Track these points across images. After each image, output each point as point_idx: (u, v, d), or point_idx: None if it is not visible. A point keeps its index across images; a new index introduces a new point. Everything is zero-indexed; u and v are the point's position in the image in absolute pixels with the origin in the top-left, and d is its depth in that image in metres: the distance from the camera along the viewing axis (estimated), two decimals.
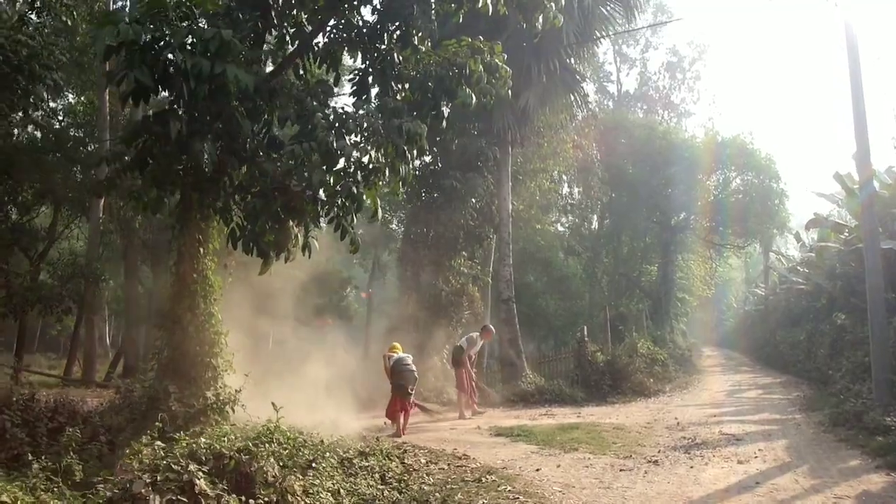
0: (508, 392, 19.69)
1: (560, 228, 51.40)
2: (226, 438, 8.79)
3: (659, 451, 12.03)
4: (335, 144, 9.13)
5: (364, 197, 10.09)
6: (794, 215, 43.76)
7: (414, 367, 14.98)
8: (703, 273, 48.53)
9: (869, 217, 16.24)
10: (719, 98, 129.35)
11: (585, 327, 22.12)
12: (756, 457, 11.55)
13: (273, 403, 10.08)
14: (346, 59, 11.99)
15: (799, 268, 37.99)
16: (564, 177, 34.03)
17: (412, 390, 14.83)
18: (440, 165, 21.71)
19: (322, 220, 10.32)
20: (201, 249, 10.75)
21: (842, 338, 21.19)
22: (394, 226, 34.71)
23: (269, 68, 11.21)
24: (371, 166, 9.91)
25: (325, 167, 9.49)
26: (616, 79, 53.08)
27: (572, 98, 21.90)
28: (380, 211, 10.48)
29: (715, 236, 44.97)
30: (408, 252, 21.65)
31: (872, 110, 15.66)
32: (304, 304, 34.35)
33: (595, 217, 48.75)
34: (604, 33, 21.32)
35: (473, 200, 20.85)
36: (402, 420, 14.49)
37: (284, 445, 9.75)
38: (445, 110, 10.60)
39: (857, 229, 22.46)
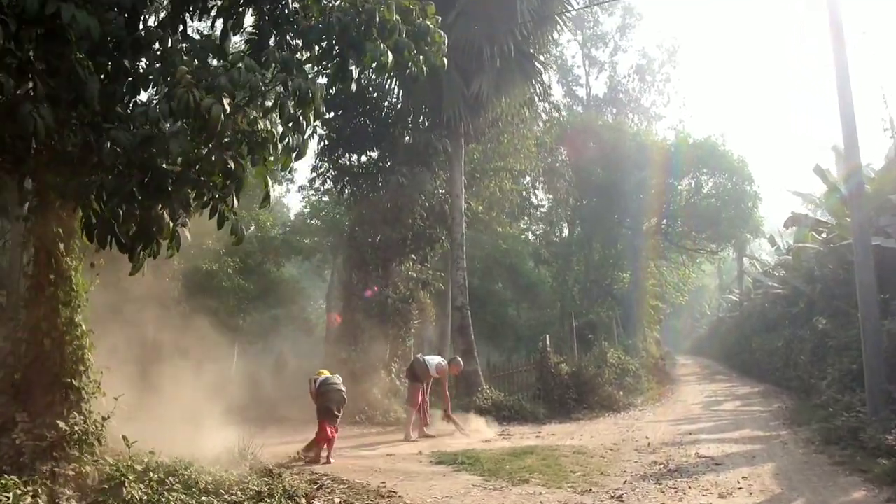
0: (462, 409, 17.51)
1: (531, 237, 49.71)
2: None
3: (625, 482, 9.94)
4: (200, 103, 6.97)
5: (248, 174, 7.98)
6: (768, 219, 42.19)
7: (342, 388, 12.87)
8: (676, 280, 46.80)
9: (857, 209, 14.35)
10: (690, 101, 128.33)
11: (548, 336, 20.05)
12: (740, 487, 9.51)
13: (124, 437, 7.96)
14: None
15: (774, 271, 36.30)
16: (532, 182, 31.88)
17: (339, 412, 12.72)
18: (388, 161, 19.58)
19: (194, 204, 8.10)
20: (61, 245, 8.56)
21: (824, 343, 19.30)
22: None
23: None
24: (258, 136, 7.76)
25: (190, 135, 7.37)
26: (585, 82, 51.27)
27: (531, 87, 19.86)
28: (273, 193, 8.35)
29: (688, 241, 43.14)
30: (353, 256, 19.48)
31: (857, 97, 13.80)
32: (259, 314, 32.23)
33: (565, 224, 46.88)
34: (562, 10, 19.27)
35: (422, 198, 18.71)
36: (325, 447, 12.38)
37: (146, 490, 7.66)
38: (355, 70, 8.46)
39: (838, 227, 20.72)
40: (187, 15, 8.62)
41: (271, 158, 8.16)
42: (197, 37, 9.07)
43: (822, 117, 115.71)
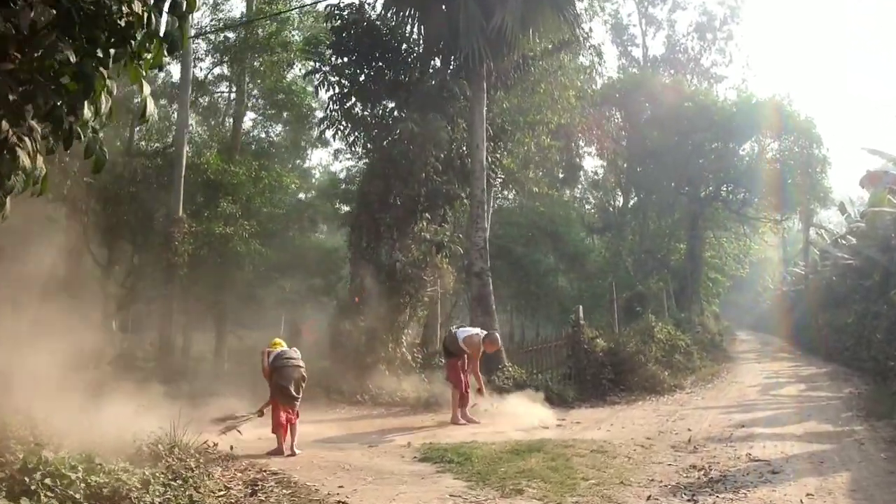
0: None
1: (587, 206, 47.03)
2: None
3: (648, 498, 7.43)
4: None
5: (105, 75, 5.62)
6: (838, 186, 38.49)
7: (301, 364, 10.59)
8: (737, 251, 43.50)
9: None
10: (753, 60, 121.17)
11: (581, 307, 17.40)
12: None
13: None
14: None
15: (844, 240, 32.83)
16: (575, 140, 29.04)
17: (299, 393, 10.45)
18: (405, 111, 17.07)
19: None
20: None
21: None
22: None
23: None
24: (116, 17, 5.39)
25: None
26: (641, 42, 47.84)
27: (565, 24, 17.03)
28: (150, 105, 5.97)
29: (749, 210, 39.68)
30: (362, 217, 17.12)
31: None
32: (293, 283, 30.26)
33: (619, 191, 44.04)
34: None
35: (436, 150, 16.16)
36: (287, 435, 10.18)
37: None
38: None
39: None
40: None
41: (148, 56, 5.80)
42: None
43: None
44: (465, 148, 17.20)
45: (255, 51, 26.23)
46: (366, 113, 17.95)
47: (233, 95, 28.64)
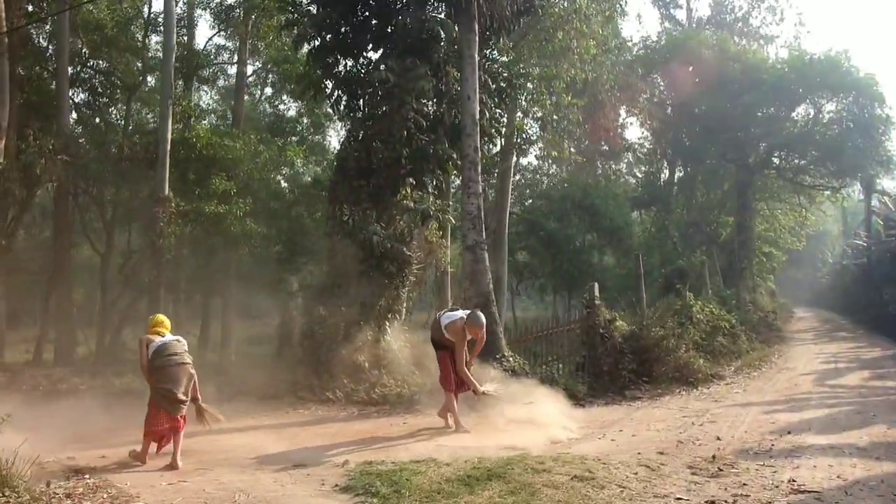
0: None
1: (631, 180, 43.99)
2: None
3: None
4: None
5: None
6: None
7: (187, 359, 8.30)
8: (792, 223, 39.87)
9: None
10: (806, 17, 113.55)
11: (596, 285, 14.53)
12: None
13: None
14: None
15: None
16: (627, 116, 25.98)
17: (186, 396, 8.12)
18: (386, 64, 14.33)
19: None
20: None
21: None
22: None
23: None
24: None
25: None
26: (685, 2, 44.07)
27: None
28: None
29: (805, 177, 35.98)
30: (339, 185, 14.54)
31: None
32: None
33: (665, 162, 40.81)
34: None
35: (415, 104, 13.39)
36: (167, 444, 7.96)
37: None
38: None
39: None
40: None
41: None
42: None
43: None
44: (454, 99, 14.45)
45: (253, 13, 24.00)
46: (349, 68, 15.32)
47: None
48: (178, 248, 20.99)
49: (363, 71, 15.00)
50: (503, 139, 21.34)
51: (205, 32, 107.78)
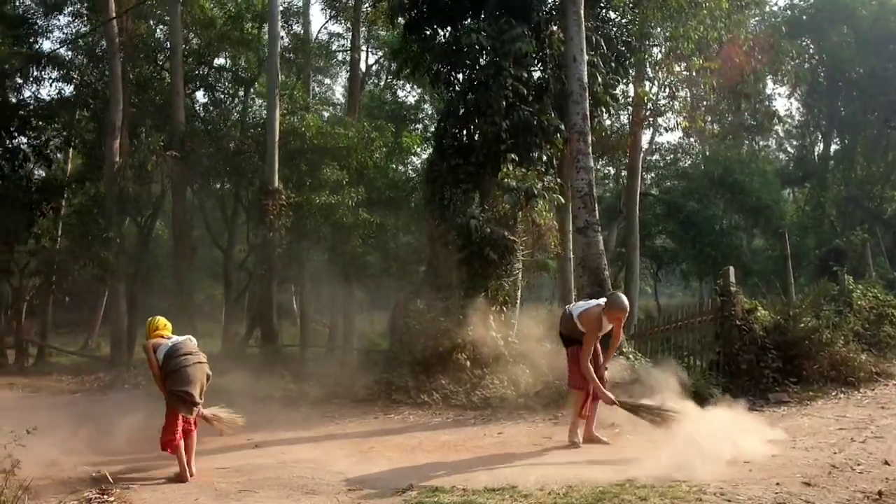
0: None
1: (782, 157, 40.56)
2: None
3: None
4: None
5: None
6: None
7: (203, 358, 7.32)
8: None
9: None
10: None
11: (731, 269, 12.34)
12: None
13: None
14: None
15: None
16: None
17: (200, 398, 7.19)
18: (479, 26, 12.73)
19: None
20: None
21: None
22: None
23: None
24: None
25: None
26: None
27: None
28: None
29: None
30: (436, 166, 13.17)
31: None
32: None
33: (818, 134, 37.27)
34: None
35: (513, 69, 11.77)
36: (183, 454, 7.17)
37: None
38: None
39: None
40: None
41: None
42: None
43: None
44: (559, 63, 12.72)
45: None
46: (447, 37, 13.92)
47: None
48: (294, 240, 20.46)
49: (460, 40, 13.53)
50: (629, 112, 19.41)
51: (320, 23, 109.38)
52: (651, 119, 19.55)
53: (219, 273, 25.79)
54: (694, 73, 17.41)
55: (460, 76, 13.59)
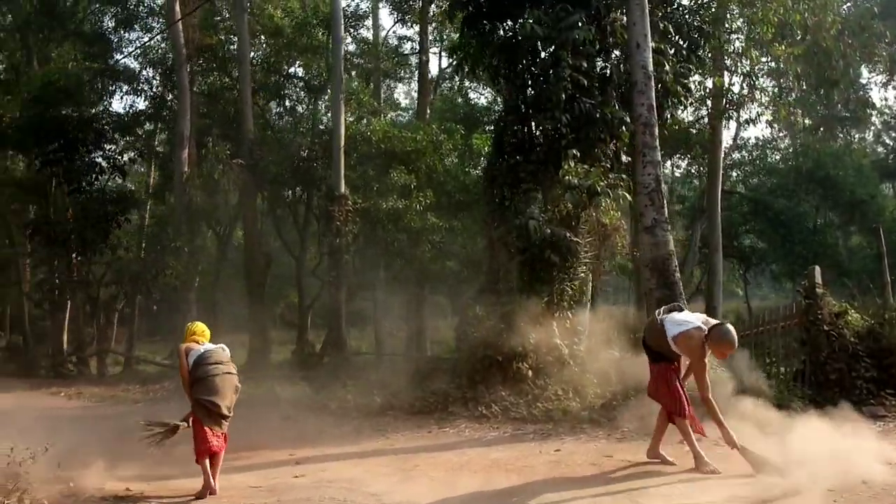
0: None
1: (880, 150, 38.19)
2: None
3: None
4: None
5: None
6: None
7: (233, 369, 6.98)
8: None
9: None
10: None
11: (817, 268, 11.18)
12: None
13: None
14: None
15: None
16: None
17: (229, 412, 6.78)
18: (534, 16, 11.93)
19: None
20: None
21: None
22: None
23: None
24: None
25: None
26: None
27: None
28: None
29: None
30: (496, 165, 12.51)
31: None
32: None
33: None
34: None
35: (572, 59, 10.99)
36: (208, 467, 6.75)
37: None
38: None
39: None
40: None
41: None
42: None
43: None
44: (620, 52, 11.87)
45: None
46: (506, 31, 13.25)
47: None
48: (364, 247, 20.17)
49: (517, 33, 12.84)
50: (708, 105, 18.34)
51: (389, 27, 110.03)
52: (732, 112, 18.33)
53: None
54: (777, 62, 16.22)
55: (519, 70, 12.87)
